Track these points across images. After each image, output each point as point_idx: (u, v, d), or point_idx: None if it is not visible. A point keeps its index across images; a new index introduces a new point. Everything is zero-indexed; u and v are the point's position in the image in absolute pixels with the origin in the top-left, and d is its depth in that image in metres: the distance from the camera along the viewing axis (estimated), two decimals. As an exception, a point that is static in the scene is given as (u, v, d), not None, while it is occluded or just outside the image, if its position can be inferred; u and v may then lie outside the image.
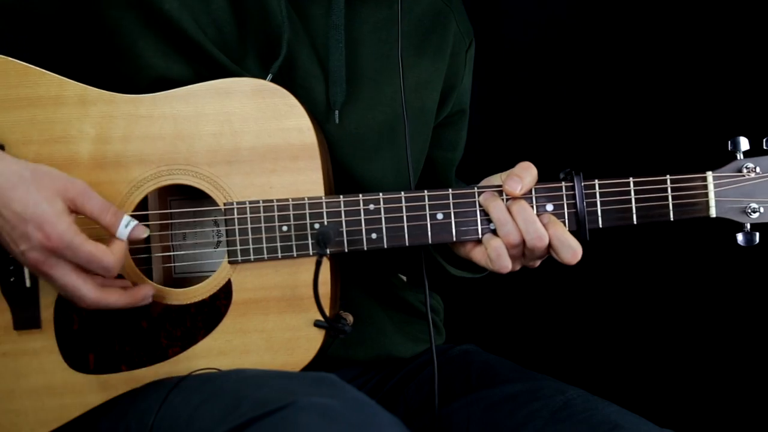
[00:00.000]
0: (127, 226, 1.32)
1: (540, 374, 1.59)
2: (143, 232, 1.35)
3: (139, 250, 1.45)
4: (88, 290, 1.31)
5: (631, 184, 1.44)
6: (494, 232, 1.44)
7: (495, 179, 1.48)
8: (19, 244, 1.29)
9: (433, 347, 1.51)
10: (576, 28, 2.44)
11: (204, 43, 1.47)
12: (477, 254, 1.48)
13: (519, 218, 1.41)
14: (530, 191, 1.44)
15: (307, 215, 1.41)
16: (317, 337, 1.42)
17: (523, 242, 1.42)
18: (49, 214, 1.27)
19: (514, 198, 1.43)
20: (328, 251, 1.36)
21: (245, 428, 1.16)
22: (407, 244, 1.43)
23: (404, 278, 1.80)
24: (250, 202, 1.41)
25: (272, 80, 1.46)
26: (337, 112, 1.54)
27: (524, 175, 1.43)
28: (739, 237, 1.47)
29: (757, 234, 1.46)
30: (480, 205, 1.44)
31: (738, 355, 2.41)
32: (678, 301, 2.46)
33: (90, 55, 1.51)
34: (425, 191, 1.43)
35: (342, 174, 1.55)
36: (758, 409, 2.38)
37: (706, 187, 1.45)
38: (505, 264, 1.43)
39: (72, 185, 1.31)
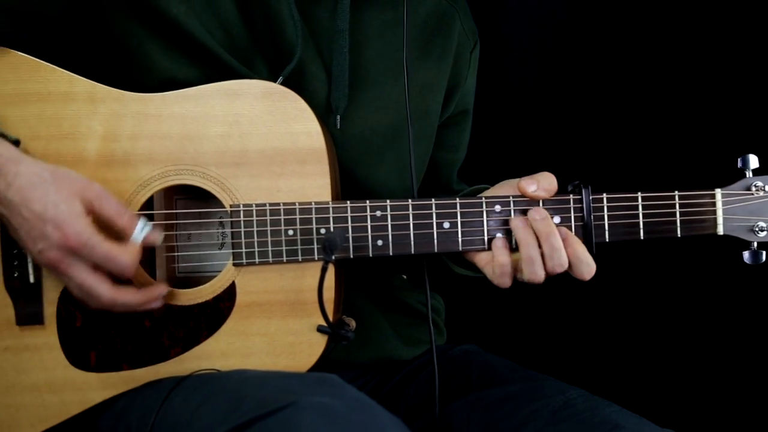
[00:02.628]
0: (142, 230, 1.34)
1: (540, 374, 1.59)
2: (158, 237, 1.37)
3: (143, 250, 1.44)
4: (104, 289, 1.32)
5: (639, 199, 1.44)
6: (508, 239, 1.43)
7: (513, 182, 1.47)
8: (37, 243, 1.30)
9: (434, 348, 1.50)
10: (582, 36, 2.43)
11: (212, 46, 1.46)
12: (481, 259, 1.47)
13: (546, 245, 1.40)
14: (540, 201, 1.44)
15: (314, 220, 1.41)
16: (320, 342, 1.42)
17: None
18: (68, 215, 1.29)
19: (545, 222, 1.41)
20: (333, 257, 1.35)
21: (247, 428, 1.16)
22: (413, 252, 1.43)
23: (405, 277, 1.81)
24: (257, 205, 1.41)
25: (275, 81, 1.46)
26: (338, 116, 1.53)
27: (542, 181, 1.43)
28: (746, 255, 1.47)
29: (764, 253, 1.46)
30: (487, 215, 1.44)
31: (738, 355, 2.41)
32: (678, 303, 2.46)
33: (97, 56, 1.50)
34: (432, 200, 1.43)
35: (345, 177, 1.55)
36: (758, 409, 2.38)
37: (714, 204, 1.45)
38: (505, 282, 1.43)
39: (90, 187, 1.32)
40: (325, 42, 1.54)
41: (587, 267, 1.41)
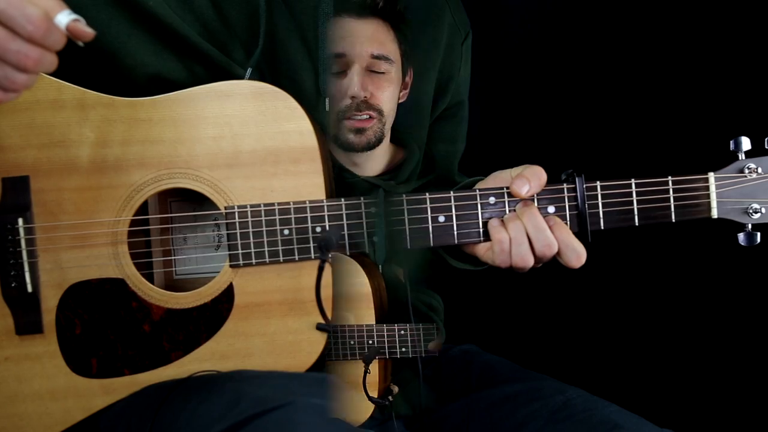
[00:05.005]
0: (70, 15, 1.12)
1: (540, 374, 1.60)
2: (90, 32, 1.15)
3: (140, 254, 1.44)
4: None
5: (633, 186, 1.43)
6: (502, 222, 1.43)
7: (505, 174, 1.47)
8: None
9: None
10: (577, 25, 2.44)
11: (190, 36, 1.46)
12: (480, 248, 1.46)
13: (529, 225, 1.40)
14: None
15: (309, 219, 1.41)
16: (319, 340, 1.42)
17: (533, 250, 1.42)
18: None
19: (524, 203, 1.42)
20: (329, 256, 1.35)
21: (245, 425, 1.17)
22: (409, 247, 1.43)
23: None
24: (251, 206, 1.40)
25: (260, 74, 1.46)
26: (327, 99, 1.53)
27: (532, 179, 1.42)
28: (741, 237, 1.46)
29: (758, 234, 1.45)
30: (482, 207, 1.44)
31: (738, 355, 2.41)
32: (678, 301, 2.46)
33: (82, 61, 1.50)
34: (426, 194, 1.43)
35: (335, 167, 1.55)
36: (758, 409, 2.38)
37: (707, 188, 1.44)
38: (506, 260, 1.42)
39: None
40: (311, 32, 1.55)
41: (574, 253, 1.39)
